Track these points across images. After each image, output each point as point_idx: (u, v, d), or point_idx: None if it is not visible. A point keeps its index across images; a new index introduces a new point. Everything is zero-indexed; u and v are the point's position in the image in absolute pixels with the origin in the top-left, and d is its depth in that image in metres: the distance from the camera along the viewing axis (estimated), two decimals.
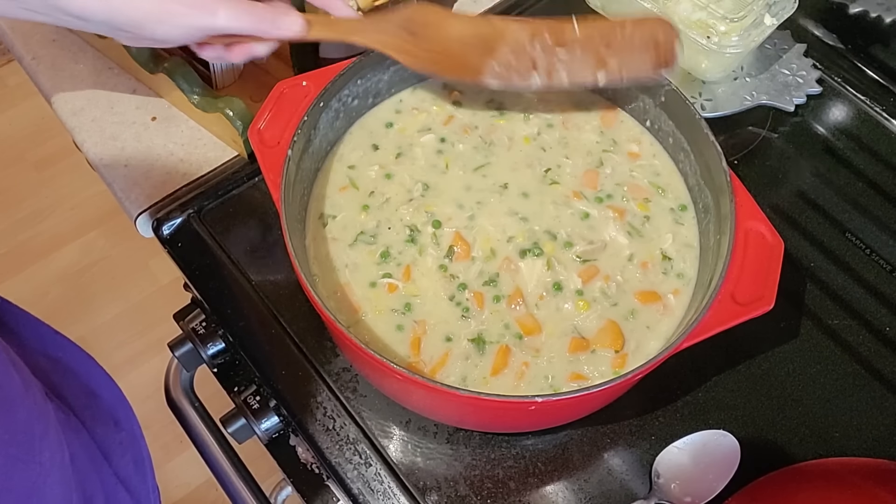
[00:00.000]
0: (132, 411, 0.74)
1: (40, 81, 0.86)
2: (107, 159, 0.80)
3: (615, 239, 0.67)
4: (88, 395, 0.71)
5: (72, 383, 0.70)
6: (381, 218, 0.67)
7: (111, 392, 0.73)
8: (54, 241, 1.83)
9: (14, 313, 0.73)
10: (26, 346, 0.68)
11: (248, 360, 0.69)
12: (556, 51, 0.66)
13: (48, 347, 0.72)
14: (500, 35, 0.67)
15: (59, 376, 0.69)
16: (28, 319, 0.73)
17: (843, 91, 0.87)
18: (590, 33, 0.66)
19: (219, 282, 0.72)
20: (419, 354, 0.61)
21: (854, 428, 0.67)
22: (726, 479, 0.62)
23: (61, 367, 0.71)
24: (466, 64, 0.67)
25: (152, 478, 0.72)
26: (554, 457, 0.65)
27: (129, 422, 0.73)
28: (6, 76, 2.09)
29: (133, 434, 0.72)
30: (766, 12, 0.78)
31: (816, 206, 0.79)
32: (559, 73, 0.67)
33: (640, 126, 0.74)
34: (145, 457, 0.71)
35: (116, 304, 1.75)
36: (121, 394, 0.76)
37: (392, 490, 0.63)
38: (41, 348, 0.70)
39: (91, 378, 0.72)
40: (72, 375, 0.71)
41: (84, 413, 0.68)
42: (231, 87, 0.81)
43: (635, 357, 0.61)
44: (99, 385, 0.72)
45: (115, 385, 0.75)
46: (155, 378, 1.50)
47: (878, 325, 0.72)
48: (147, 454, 0.72)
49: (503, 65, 0.66)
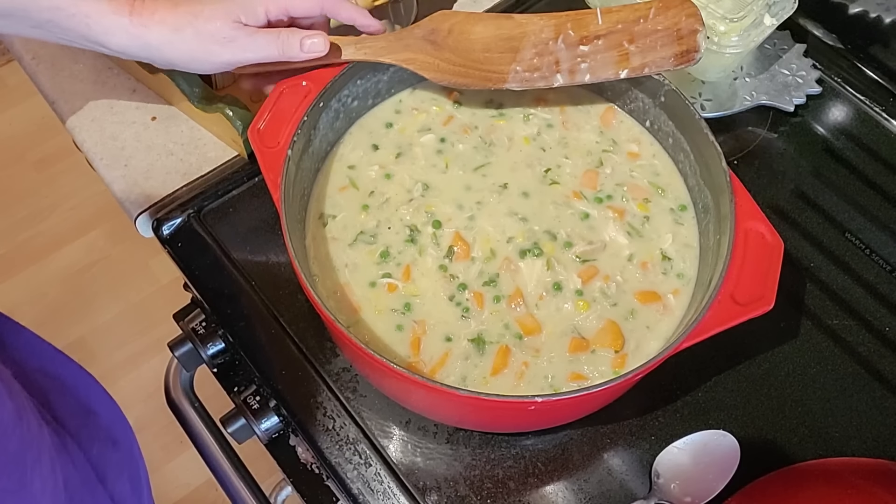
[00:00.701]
0: (130, 429, 0.74)
1: (40, 81, 0.85)
2: (107, 159, 0.80)
3: (615, 239, 0.67)
4: (85, 414, 0.71)
5: (68, 402, 0.70)
6: (380, 218, 0.67)
7: (109, 410, 0.73)
8: (54, 241, 1.83)
9: (13, 329, 0.73)
10: (24, 363, 0.68)
11: (248, 360, 0.69)
12: (579, 49, 0.66)
13: (46, 364, 0.71)
14: (524, 33, 0.67)
15: (55, 394, 0.69)
16: (26, 335, 0.73)
17: (842, 91, 0.87)
18: (613, 25, 0.66)
19: (219, 282, 0.72)
20: (419, 354, 0.61)
21: (854, 428, 0.67)
22: (726, 479, 0.62)
23: (58, 385, 0.71)
24: (491, 72, 0.67)
25: (149, 496, 0.72)
26: (554, 457, 0.65)
27: (127, 440, 0.73)
28: (6, 76, 2.09)
29: (131, 453, 0.72)
30: (765, 12, 0.78)
31: (816, 207, 0.79)
32: (582, 72, 0.67)
33: (640, 126, 0.74)
34: (142, 476, 0.72)
35: (116, 304, 1.75)
36: (119, 411, 0.75)
37: (392, 490, 0.63)
38: (39, 365, 0.70)
39: (89, 396, 0.72)
40: (69, 393, 0.71)
41: (80, 433, 0.68)
42: (231, 87, 0.81)
43: (635, 357, 0.61)
44: (96, 403, 0.72)
45: (114, 402, 0.75)
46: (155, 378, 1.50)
47: (878, 325, 0.72)
48: (144, 473, 0.72)
49: (527, 67, 0.67)
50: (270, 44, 0.62)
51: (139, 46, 0.60)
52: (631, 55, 0.67)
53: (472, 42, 0.68)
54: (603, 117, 0.74)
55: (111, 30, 0.58)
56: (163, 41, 0.59)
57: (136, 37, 0.59)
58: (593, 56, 0.67)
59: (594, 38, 0.67)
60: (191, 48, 0.60)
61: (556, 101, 0.75)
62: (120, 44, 0.59)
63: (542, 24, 0.68)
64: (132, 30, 0.59)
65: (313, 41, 0.63)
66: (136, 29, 0.59)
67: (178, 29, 0.59)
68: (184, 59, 0.61)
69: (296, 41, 0.62)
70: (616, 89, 0.74)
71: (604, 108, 0.75)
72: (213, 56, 0.61)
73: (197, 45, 0.60)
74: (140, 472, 0.72)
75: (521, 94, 0.75)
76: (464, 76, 0.68)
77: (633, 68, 0.67)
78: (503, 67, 0.68)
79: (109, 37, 0.59)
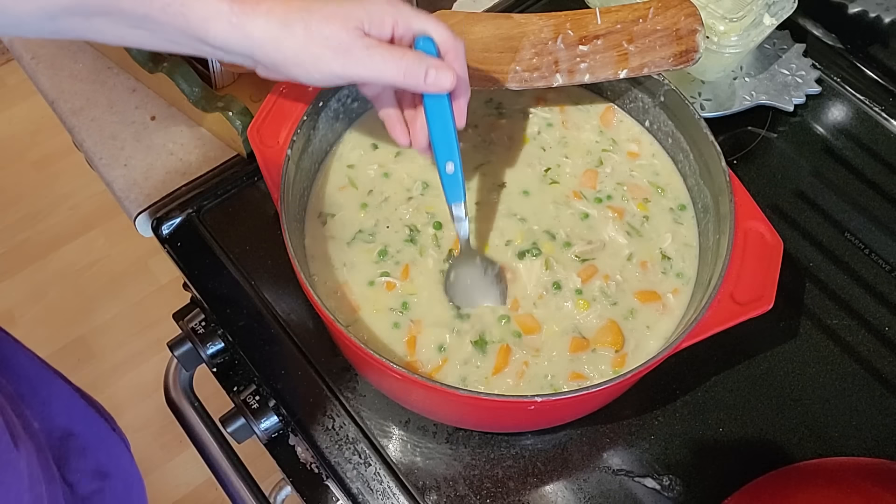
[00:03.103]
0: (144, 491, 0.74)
1: (40, 81, 0.85)
2: (106, 159, 0.80)
3: (614, 239, 0.67)
4: (101, 477, 0.70)
5: (84, 465, 0.69)
6: (379, 217, 0.67)
7: (126, 471, 0.73)
8: (54, 240, 1.83)
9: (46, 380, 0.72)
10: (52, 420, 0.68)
11: (248, 360, 0.69)
12: (579, 49, 0.66)
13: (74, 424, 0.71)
14: (523, 33, 0.67)
15: (74, 455, 0.68)
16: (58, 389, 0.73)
17: (842, 91, 0.87)
18: (612, 25, 0.66)
19: (218, 281, 0.72)
20: (416, 354, 0.61)
21: (853, 428, 0.67)
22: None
23: (77, 445, 0.71)
24: (490, 71, 0.67)
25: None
26: (553, 456, 0.65)
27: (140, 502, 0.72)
28: (6, 75, 2.09)
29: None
30: (765, 12, 0.78)
31: (816, 206, 0.79)
32: (581, 72, 0.67)
33: (640, 126, 0.74)
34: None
35: (116, 303, 1.75)
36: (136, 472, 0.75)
37: (391, 490, 0.63)
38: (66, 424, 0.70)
39: (109, 459, 0.72)
40: (87, 454, 0.70)
41: (92, 498, 0.67)
42: (231, 87, 0.81)
43: (635, 356, 0.61)
44: (114, 464, 0.72)
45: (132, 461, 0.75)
46: (154, 378, 1.50)
47: (878, 325, 0.72)
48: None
49: (526, 67, 0.67)
50: (391, 64, 0.52)
51: (240, 39, 0.50)
52: (630, 55, 0.67)
53: (471, 42, 0.68)
54: (603, 117, 0.74)
55: (210, 17, 0.50)
56: (267, 36, 0.50)
57: (238, 27, 0.50)
58: (592, 56, 0.67)
59: (593, 38, 0.67)
60: (297, 50, 0.51)
61: (555, 100, 0.75)
62: (219, 34, 0.50)
63: (542, 24, 0.68)
64: (233, 18, 0.50)
65: (442, 74, 0.54)
66: (238, 18, 0.50)
67: (287, 24, 0.50)
68: (287, 62, 0.52)
69: (421, 69, 0.53)
70: (616, 89, 0.74)
71: (603, 108, 0.75)
72: (321, 63, 0.52)
73: (305, 46, 0.51)
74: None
75: (521, 93, 0.75)
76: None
77: (633, 68, 0.67)
78: (502, 67, 0.68)
79: (208, 26, 0.50)
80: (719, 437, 0.66)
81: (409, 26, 0.54)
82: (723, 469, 0.64)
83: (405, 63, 0.53)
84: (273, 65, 0.52)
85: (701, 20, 0.66)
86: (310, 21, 0.50)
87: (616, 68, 0.67)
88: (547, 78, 0.68)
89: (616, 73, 0.67)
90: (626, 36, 0.67)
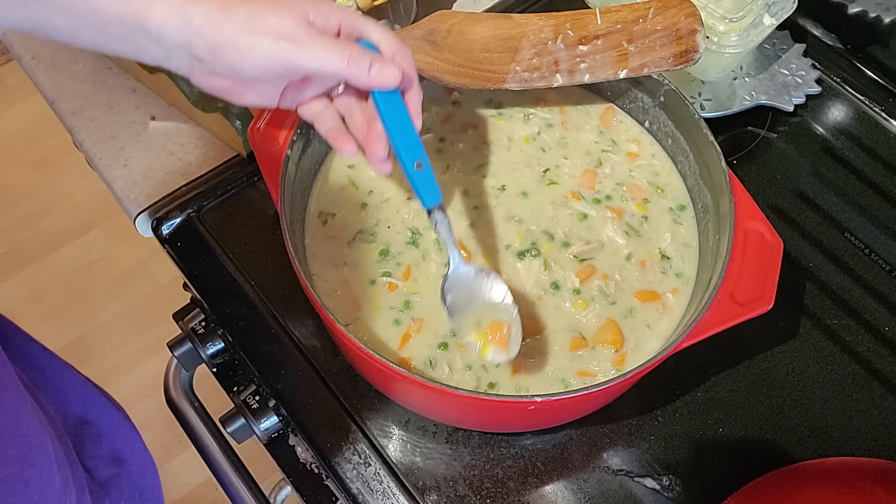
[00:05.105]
0: (157, 477, 0.74)
1: (40, 81, 0.85)
2: (106, 159, 0.80)
3: (613, 239, 0.67)
4: (116, 463, 0.71)
5: (103, 450, 0.69)
6: (380, 216, 0.67)
7: (140, 457, 0.73)
8: (54, 240, 1.83)
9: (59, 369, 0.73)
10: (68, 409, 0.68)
11: (248, 360, 0.69)
12: (578, 49, 0.66)
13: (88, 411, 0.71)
14: (523, 33, 0.67)
15: (90, 442, 0.69)
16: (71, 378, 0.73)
17: (842, 91, 0.87)
18: (612, 25, 0.66)
19: (218, 281, 0.72)
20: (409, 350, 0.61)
21: (853, 428, 0.67)
22: None
23: (92, 432, 0.71)
24: (490, 72, 0.67)
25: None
26: (553, 456, 0.65)
27: (155, 490, 0.73)
28: (6, 76, 2.09)
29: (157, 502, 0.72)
30: (765, 12, 0.78)
31: (816, 206, 0.79)
32: (581, 72, 0.67)
33: (640, 126, 0.74)
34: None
35: (116, 303, 1.75)
36: (149, 458, 0.75)
37: (391, 490, 0.63)
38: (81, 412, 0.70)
39: (124, 444, 0.72)
40: (105, 442, 0.71)
41: (109, 484, 0.68)
42: None
43: (634, 355, 0.61)
44: (129, 452, 0.72)
45: (145, 450, 0.75)
46: (154, 378, 1.50)
47: (878, 325, 0.72)
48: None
49: (526, 67, 0.67)
50: (334, 52, 0.50)
51: (179, 23, 0.48)
52: (630, 55, 0.67)
53: (471, 42, 0.68)
54: (602, 117, 0.74)
55: (151, 1, 0.48)
56: (207, 19, 0.48)
57: (179, 9, 0.48)
58: (592, 56, 0.67)
59: (593, 38, 0.67)
60: (236, 31, 0.48)
61: (555, 100, 0.75)
62: (157, 19, 0.48)
63: (542, 24, 0.68)
64: (175, 2, 0.48)
65: (387, 68, 0.52)
66: (181, 2, 0.48)
67: (229, 8, 0.48)
68: (225, 45, 0.49)
69: (366, 60, 0.51)
70: (616, 89, 0.74)
71: (603, 108, 0.75)
72: (260, 48, 0.49)
73: (245, 29, 0.48)
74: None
75: (521, 93, 0.75)
76: (463, 76, 0.68)
77: (633, 68, 0.67)
78: (502, 67, 0.68)
79: (147, 11, 0.48)
80: (719, 437, 0.66)
81: (355, 26, 0.53)
82: (723, 469, 0.64)
83: (349, 52, 0.51)
84: (210, 50, 0.49)
85: (701, 20, 0.66)
86: (253, 7, 0.49)
87: (616, 68, 0.67)
88: (547, 78, 0.68)
89: (616, 73, 0.67)
90: (626, 36, 0.67)
